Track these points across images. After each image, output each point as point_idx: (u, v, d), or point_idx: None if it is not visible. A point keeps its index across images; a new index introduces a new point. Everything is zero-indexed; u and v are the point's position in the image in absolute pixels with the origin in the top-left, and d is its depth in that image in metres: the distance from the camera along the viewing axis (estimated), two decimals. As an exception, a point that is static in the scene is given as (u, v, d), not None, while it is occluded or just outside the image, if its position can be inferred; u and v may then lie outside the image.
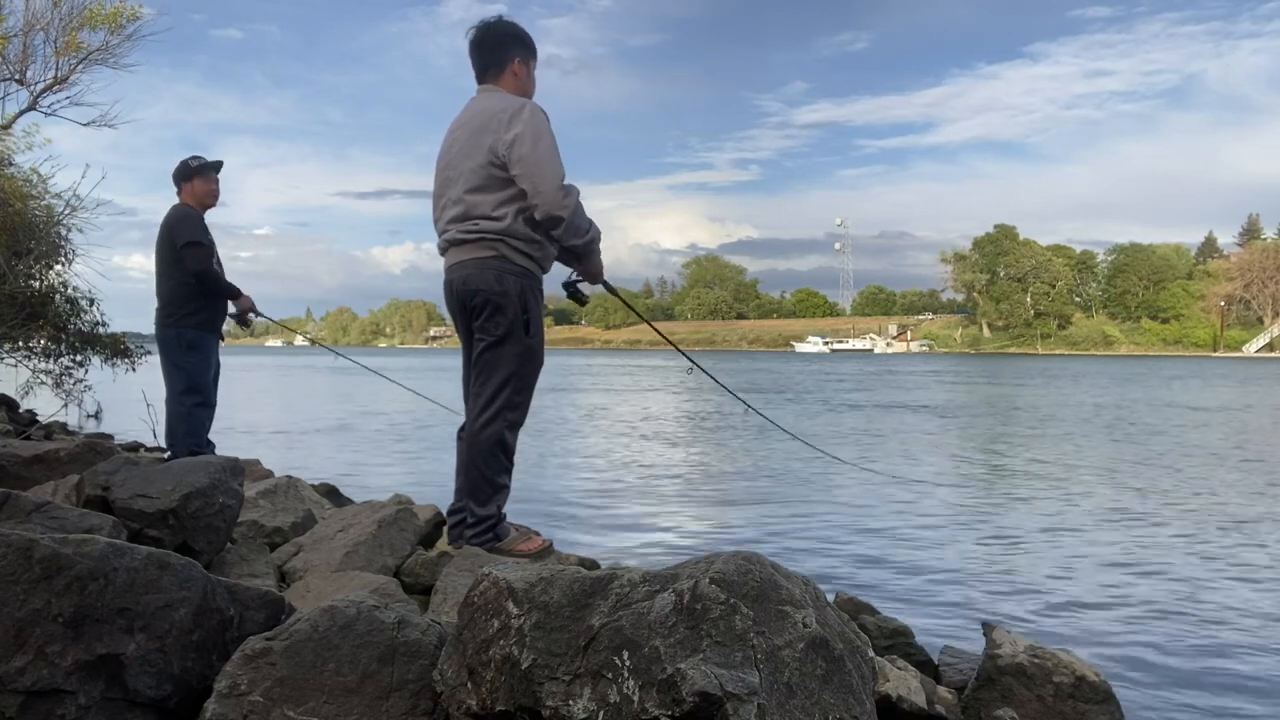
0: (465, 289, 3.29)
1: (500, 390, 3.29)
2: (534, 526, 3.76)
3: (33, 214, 10.24)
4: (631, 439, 11.86)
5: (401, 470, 8.61)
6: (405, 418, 14.34)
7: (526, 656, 1.64)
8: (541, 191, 3.13)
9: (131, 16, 11.94)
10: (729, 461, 9.63)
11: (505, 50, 3.39)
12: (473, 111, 3.35)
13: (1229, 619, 4.12)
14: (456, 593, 2.61)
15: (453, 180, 3.31)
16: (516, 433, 3.38)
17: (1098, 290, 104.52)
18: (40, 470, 3.96)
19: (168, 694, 1.82)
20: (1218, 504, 7.19)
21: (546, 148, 3.16)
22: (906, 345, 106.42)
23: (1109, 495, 7.55)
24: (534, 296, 3.32)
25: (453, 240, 3.31)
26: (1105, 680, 2.56)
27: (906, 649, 2.96)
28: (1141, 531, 6.07)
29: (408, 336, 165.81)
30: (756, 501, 7.13)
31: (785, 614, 1.62)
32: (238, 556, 2.98)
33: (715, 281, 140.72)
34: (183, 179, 5.18)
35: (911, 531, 5.97)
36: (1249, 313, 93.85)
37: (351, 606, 1.86)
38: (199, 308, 5.09)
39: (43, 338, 10.60)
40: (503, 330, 3.26)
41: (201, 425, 5.10)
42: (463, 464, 3.39)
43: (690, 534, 5.89)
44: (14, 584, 1.73)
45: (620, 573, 1.74)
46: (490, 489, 3.31)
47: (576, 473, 8.59)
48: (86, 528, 2.46)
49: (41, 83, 11.57)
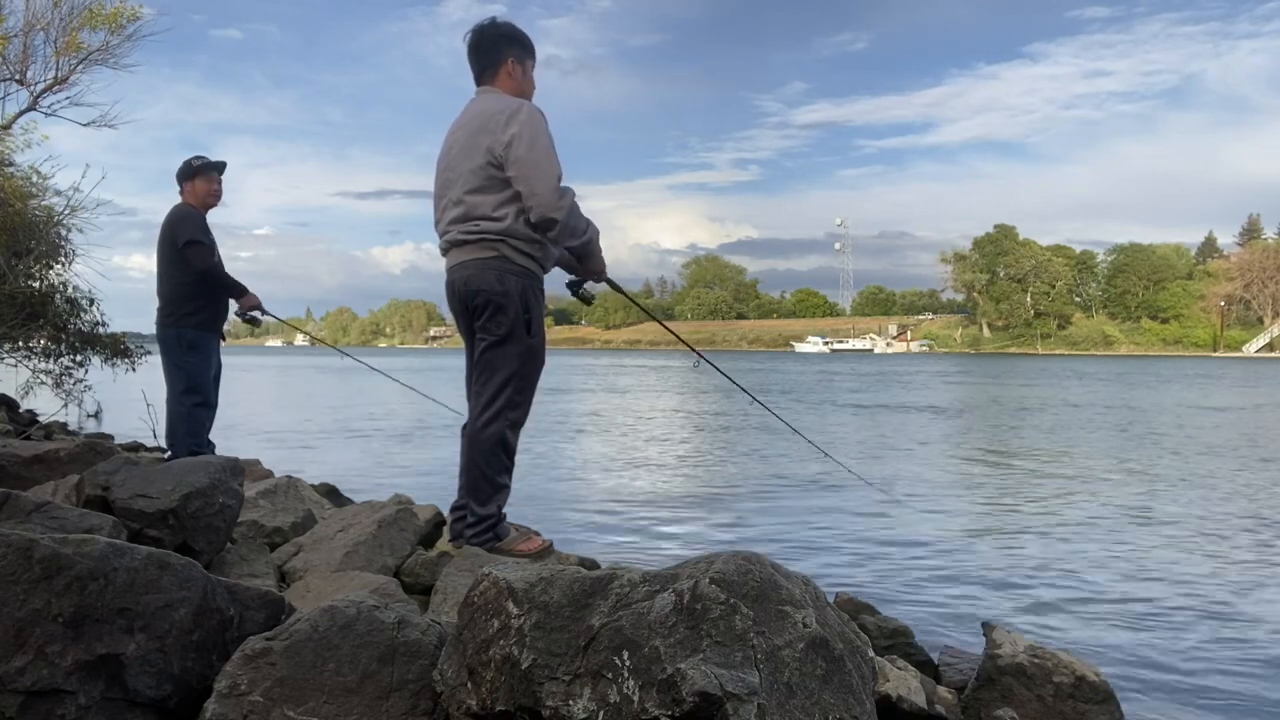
0: (467, 289, 3.30)
1: (502, 389, 3.30)
2: (534, 526, 3.76)
3: (33, 214, 10.25)
4: (631, 439, 11.86)
5: (401, 470, 8.61)
6: (405, 417, 14.34)
7: (526, 656, 1.64)
8: (537, 193, 3.14)
9: (131, 17, 11.95)
10: (729, 462, 9.63)
11: (500, 51, 3.40)
12: (471, 113, 3.36)
13: (1230, 619, 4.12)
14: (456, 593, 2.61)
15: (452, 181, 3.32)
16: (518, 432, 3.39)
17: (1098, 290, 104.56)
18: (40, 470, 3.96)
19: (168, 694, 1.82)
20: (1220, 504, 7.18)
21: (543, 149, 3.16)
22: (906, 345, 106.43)
23: (1110, 495, 7.55)
24: (535, 296, 3.33)
25: (454, 241, 3.32)
26: (1105, 680, 2.56)
27: (906, 649, 2.96)
28: (1143, 531, 6.07)
29: (408, 336, 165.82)
30: (757, 501, 7.13)
31: (785, 614, 1.62)
32: (238, 556, 2.98)
33: (715, 281, 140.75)
34: (185, 178, 5.18)
35: (912, 531, 5.97)
36: (1249, 313, 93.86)
37: (351, 606, 1.86)
38: (199, 307, 5.09)
39: (43, 338, 10.60)
40: (504, 330, 3.27)
41: (202, 425, 5.10)
42: (464, 463, 3.39)
43: (690, 534, 5.89)
44: (14, 584, 1.73)
45: (620, 573, 1.74)
46: (491, 488, 3.31)
47: (577, 473, 8.59)
48: (86, 528, 2.46)
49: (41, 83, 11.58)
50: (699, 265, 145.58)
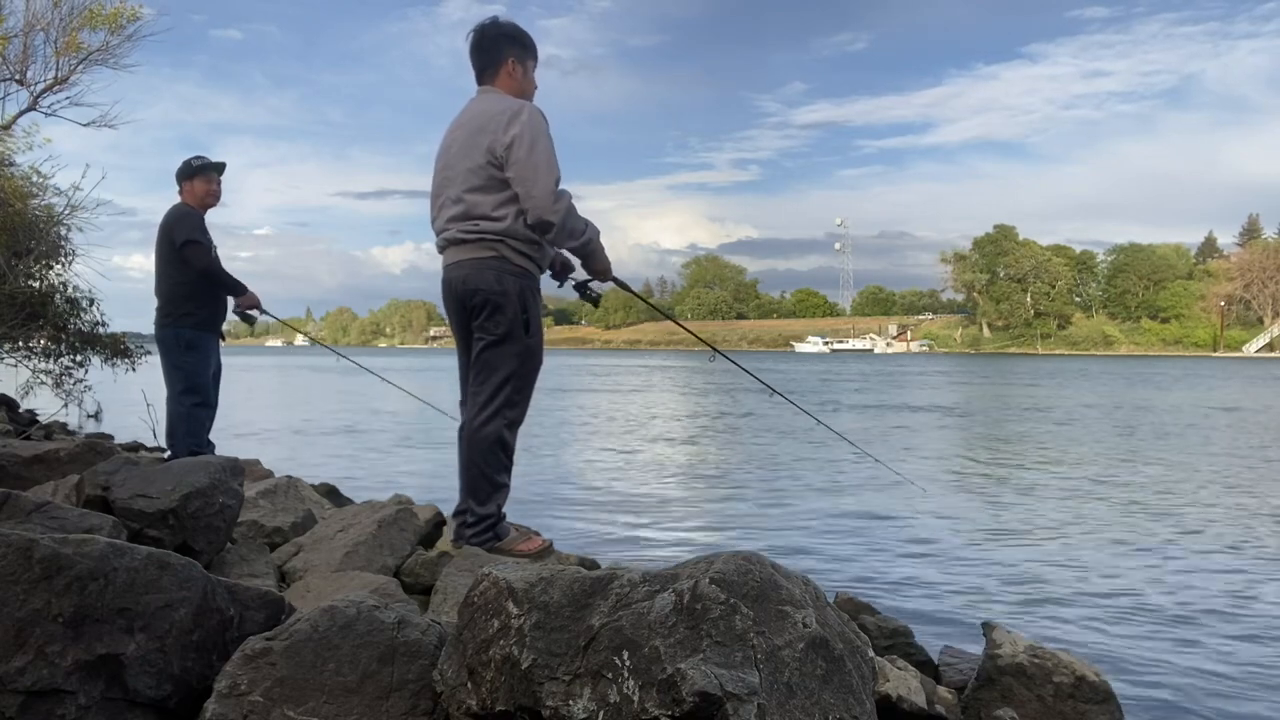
0: (465, 288, 3.30)
1: (500, 389, 3.30)
2: (534, 526, 3.76)
3: (33, 214, 10.24)
4: (631, 439, 11.85)
5: (402, 470, 8.61)
6: (405, 418, 14.34)
7: (526, 656, 1.64)
8: (534, 196, 3.14)
9: (131, 17, 11.95)
10: (729, 462, 9.63)
11: (500, 51, 3.40)
12: (471, 112, 3.36)
13: (1230, 619, 4.12)
14: (456, 593, 2.61)
15: (451, 180, 3.32)
16: (515, 431, 3.39)
17: (1098, 290, 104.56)
18: (40, 470, 3.96)
19: (168, 694, 1.82)
20: (1222, 505, 7.18)
21: (543, 151, 3.16)
22: (906, 345, 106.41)
23: (1111, 495, 7.55)
24: (533, 296, 3.34)
25: (452, 239, 3.32)
26: (1105, 680, 2.55)
27: (906, 649, 2.96)
28: (1144, 531, 6.07)
29: (408, 336, 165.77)
30: (757, 501, 7.13)
31: (785, 614, 1.62)
32: (238, 556, 2.98)
33: (715, 281, 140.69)
34: (184, 178, 5.19)
35: (912, 531, 5.97)
36: (1249, 313, 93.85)
37: (351, 606, 1.85)
38: (198, 307, 5.09)
39: (43, 338, 10.60)
40: (503, 330, 3.27)
41: (201, 425, 5.10)
42: (463, 463, 3.39)
43: (690, 534, 5.89)
44: (14, 584, 1.73)
45: (620, 573, 1.74)
46: (490, 487, 3.32)
47: (577, 473, 8.59)
48: (86, 528, 2.46)
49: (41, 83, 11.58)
50: (699, 265, 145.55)
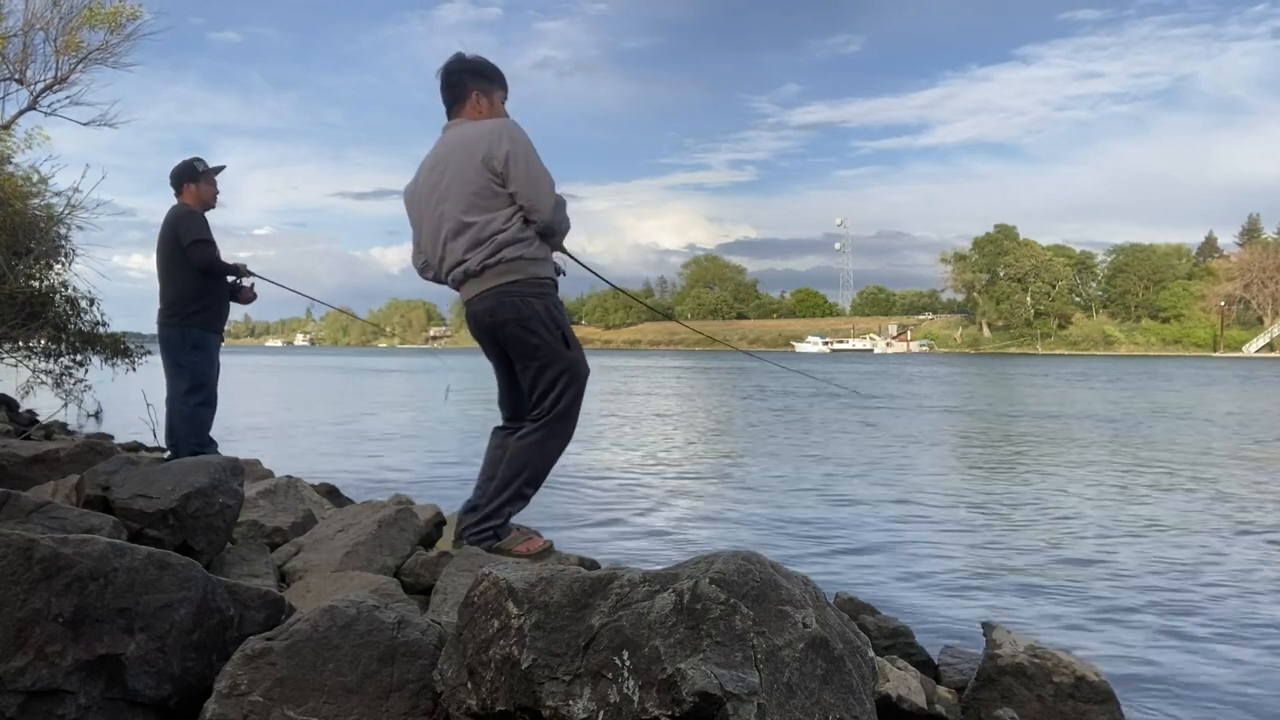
0: (492, 321, 3.32)
1: (553, 405, 3.34)
2: (534, 527, 3.76)
3: (33, 213, 10.24)
4: (632, 439, 11.85)
5: (401, 470, 8.60)
6: (405, 418, 14.34)
7: (526, 656, 1.64)
8: (540, 209, 3.25)
9: (131, 16, 11.97)
10: (729, 462, 9.63)
11: (464, 86, 3.45)
12: (450, 144, 3.35)
13: (1230, 619, 4.12)
14: (456, 593, 2.61)
15: (449, 214, 3.29)
16: (562, 447, 3.42)
17: (1098, 290, 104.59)
18: (40, 470, 3.96)
19: (168, 694, 1.82)
20: (1223, 505, 7.18)
21: (537, 164, 3.26)
22: (906, 345, 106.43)
23: (1111, 495, 7.55)
24: (559, 309, 3.37)
25: (471, 271, 3.29)
26: (1105, 680, 2.55)
27: (906, 649, 2.96)
28: (1144, 532, 6.07)
29: (408, 336, 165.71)
30: (757, 502, 7.13)
31: (785, 614, 1.62)
32: (238, 556, 2.98)
33: (715, 282, 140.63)
34: (189, 180, 5.20)
35: (912, 531, 5.97)
36: (1249, 312, 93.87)
37: (351, 606, 1.86)
38: (203, 307, 5.10)
39: (43, 338, 10.60)
40: (544, 355, 3.30)
41: (204, 425, 5.11)
42: (497, 465, 3.41)
43: (690, 534, 5.89)
44: (14, 584, 1.73)
45: (620, 573, 1.74)
46: (516, 499, 3.36)
47: (577, 473, 8.59)
48: (86, 528, 2.46)
49: (41, 82, 11.60)
50: (699, 265, 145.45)
